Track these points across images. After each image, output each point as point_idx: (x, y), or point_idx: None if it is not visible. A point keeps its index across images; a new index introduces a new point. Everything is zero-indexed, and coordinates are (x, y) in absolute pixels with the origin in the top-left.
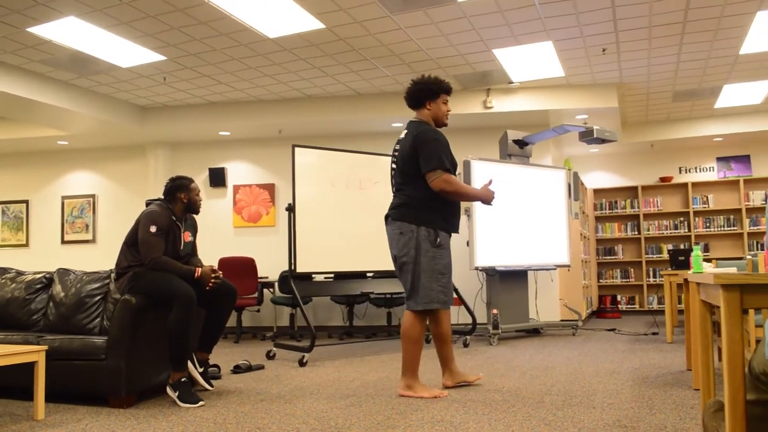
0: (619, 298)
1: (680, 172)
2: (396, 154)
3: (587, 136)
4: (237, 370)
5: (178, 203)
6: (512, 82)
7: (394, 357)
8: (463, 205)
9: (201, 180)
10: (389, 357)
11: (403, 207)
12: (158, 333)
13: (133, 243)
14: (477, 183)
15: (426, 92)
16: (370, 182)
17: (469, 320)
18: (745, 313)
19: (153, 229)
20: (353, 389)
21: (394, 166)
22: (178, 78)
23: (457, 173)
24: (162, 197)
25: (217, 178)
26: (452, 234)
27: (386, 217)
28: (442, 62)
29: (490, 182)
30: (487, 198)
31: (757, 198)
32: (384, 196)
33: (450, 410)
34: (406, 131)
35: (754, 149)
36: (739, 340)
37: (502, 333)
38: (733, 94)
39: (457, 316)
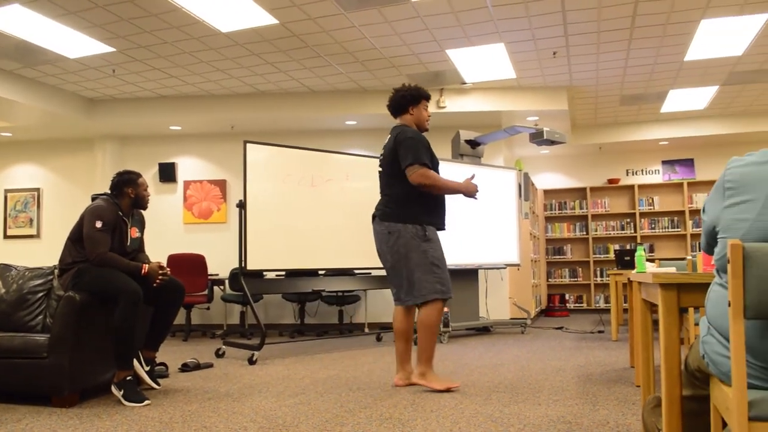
0: (567, 296)
1: (627, 175)
2: (381, 157)
3: (537, 137)
4: (185, 368)
5: (125, 198)
6: (465, 83)
7: (346, 355)
8: None
9: (151, 175)
10: (340, 355)
11: (389, 207)
12: (103, 331)
13: (77, 238)
14: None
15: (408, 98)
16: (322, 179)
17: None
18: (685, 312)
19: (99, 224)
20: (303, 387)
21: (379, 169)
22: (128, 70)
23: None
24: (108, 192)
25: (167, 173)
26: (439, 231)
27: (373, 217)
28: (396, 61)
29: (473, 176)
30: (469, 191)
31: (700, 201)
32: (336, 193)
33: (398, 407)
34: (390, 136)
35: (698, 153)
36: (676, 338)
37: (452, 331)
38: (678, 100)
39: None
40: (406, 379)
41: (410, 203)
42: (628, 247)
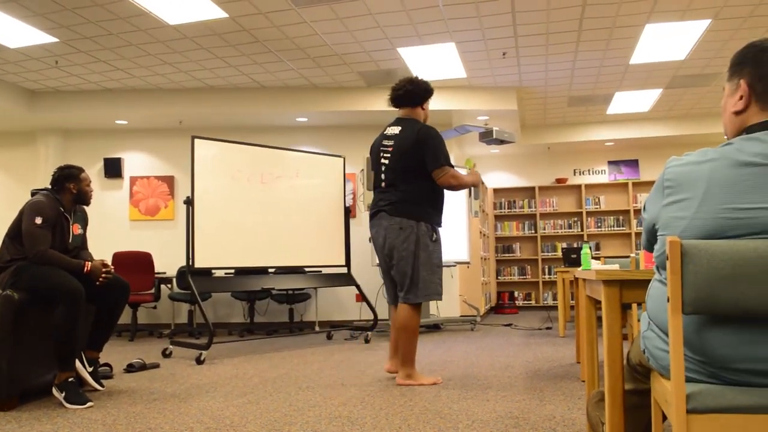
0: (516, 294)
1: (575, 174)
2: (388, 150)
3: (487, 136)
4: (130, 369)
5: (67, 194)
6: None
7: (295, 353)
8: (366, 201)
9: (95, 170)
10: (290, 353)
11: (402, 203)
12: (44, 331)
13: (16, 235)
14: None
15: (425, 93)
16: (272, 176)
17: (371, 316)
18: (629, 308)
19: (38, 220)
20: (251, 387)
21: (385, 162)
22: (72, 62)
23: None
24: (49, 187)
25: (113, 168)
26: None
27: (376, 212)
28: (347, 58)
29: (475, 165)
30: (476, 182)
31: (644, 200)
32: (286, 191)
33: (348, 406)
34: (400, 128)
35: (642, 154)
36: (619, 333)
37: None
38: (624, 102)
39: (359, 312)
40: (398, 366)
41: (425, 202)
42: (575, 245)
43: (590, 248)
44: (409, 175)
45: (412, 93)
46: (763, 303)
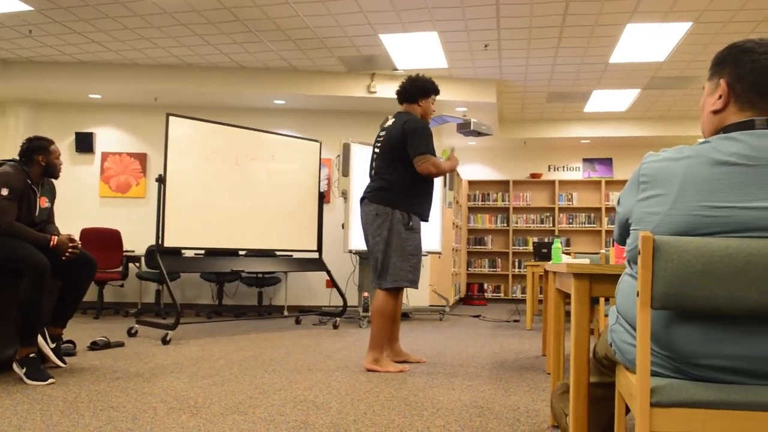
0: (485, 286)
1: (549, 170)
2: (380, 140)
3: (465, 128)
4: (94, 346)
5: (36, 166)
6: (397, 69)
7: (263, 336)
8: (341, 187)
9: (66, 144)
10: (257, 336)
11: (382, 191)
12: (7, 305)
13: None
14: (355, 165)
15: (421, 90)
16: (246, 158)
17: (341, 302)
18: (597, 303)
19: (4, 192)
20: (217, 368)
21: (377, 151)
22: (46, 32)
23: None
24: (17, 158)
25: (85, 143)
26: (423, 221)
27: (362, 199)
28: (329, 42)
29: (453, 150)
30: (454, 167)
31: (616, 198)
32: (261, 173)
33: (314, 390)
34: (393, 120)
35: (617, 153)
36: (587, 326)
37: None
38: (601, 100)
39: (329, 298)
40: (394, 356)
41: (405, 190)
42: (546, 240)
43: (561, 243)
44: (394, 164)
45: (408, 90)
46: (731, 301)
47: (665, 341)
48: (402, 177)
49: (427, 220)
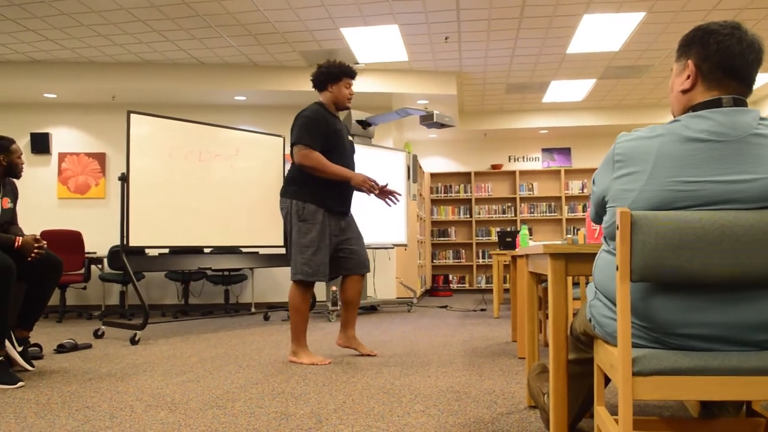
0: (450, 277)
1: (509, 161)
2: None
3: (427, 119)
4: (61, 349)
5: None
6: (358, 63)
7: (233, 334)
8: None
9: (22, 145)
10: (228, 334)
11: (285, 183)
12: None
13: None
14: None
15: (328, 75)
16: (210, 155)
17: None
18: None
19: None
20: (190, 365)
21: None
22: None
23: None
24: None
25: (40, 144)
26: (333, 213)
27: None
28: (289, 37)
29: (386, 185)
30: (357, 182)
31: (575, 187)
32: (225, 170)
33: (291, 382)
34: None
35: (575, 143)
36: (564, 304)
37: (339, 309)
38: (559, 91)
39: None
40: (345, 341)
41: (298, 181)
42: (509, 229)
43: (528, 230)
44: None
45: (315, 77)
46: (706, 270)
47: (644, 313)
48: (294, 167)
49: (338, 212)
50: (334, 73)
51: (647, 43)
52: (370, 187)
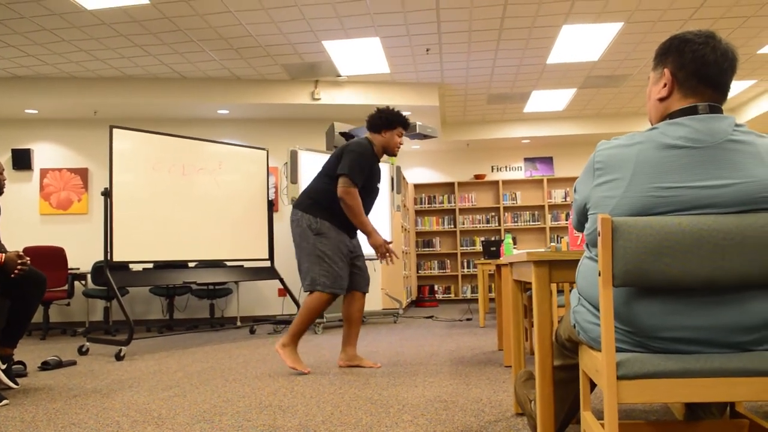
0: (436, 287)
1: (492, 171)
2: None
3: (411, 131)
4: (45, 366)
5: None
6: (340, 76)
7: (219, 348)
8: (290, 194)
9: (3, 161)
10: (213, 348)
11: (301, 196)
12: None
13: None
14: (303, 172)
15: (385, 122)
16: (193, 168)
17: (294, 310)
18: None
19: None
20: (176, 380)
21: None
22: None
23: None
24: None
25: (22, 160)
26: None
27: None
28: (272, 50)
29: (390, 243)
30: (374, 241)
31: (558, 196)
32: (208, 183)
33: (278, 395)
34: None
35: (557, 152)
36: (548, 311)
37: (326, 322)
38: (540, 100)
39: (282, 306)
40: (347, 360)
41: (318, 199)
42: (493, 238)
43: (512, 239)
44: (323, 176)
45: (371, 120)
46: (686, 274)
47: (627, 317)
48: (323, 187)
49: (346, 233)
50: (391, 120)
51: (625, 52)
52: (384, 252)
